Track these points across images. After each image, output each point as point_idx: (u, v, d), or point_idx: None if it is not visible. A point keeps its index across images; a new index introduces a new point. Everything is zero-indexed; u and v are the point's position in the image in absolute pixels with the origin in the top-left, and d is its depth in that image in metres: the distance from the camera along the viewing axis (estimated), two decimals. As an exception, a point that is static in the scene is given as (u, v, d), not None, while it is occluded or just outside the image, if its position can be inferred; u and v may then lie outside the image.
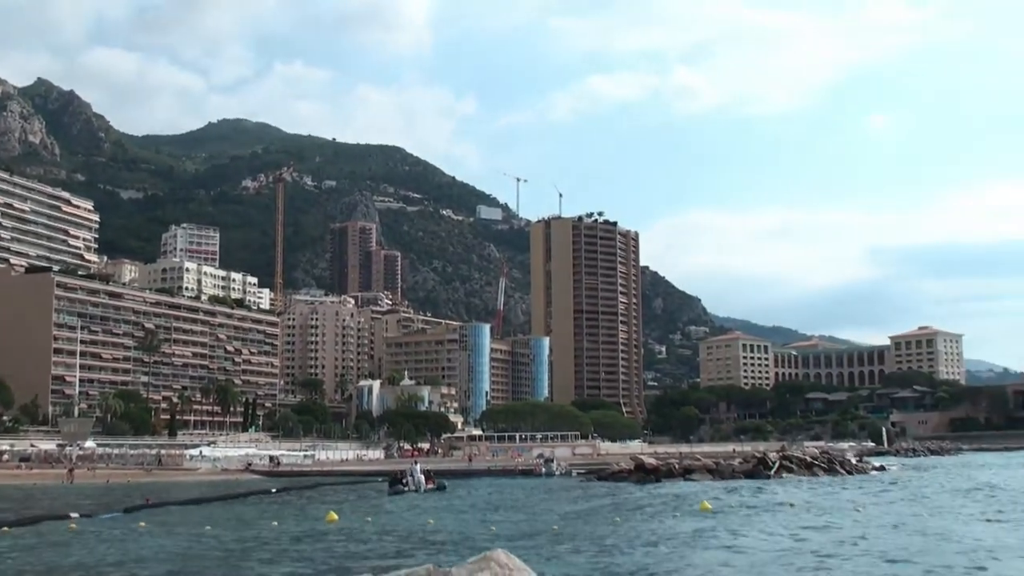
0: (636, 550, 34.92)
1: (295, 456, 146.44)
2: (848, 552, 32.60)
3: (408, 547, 36.37)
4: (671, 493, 72.40)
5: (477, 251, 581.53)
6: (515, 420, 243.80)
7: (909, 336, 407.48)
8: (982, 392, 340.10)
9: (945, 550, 32.51)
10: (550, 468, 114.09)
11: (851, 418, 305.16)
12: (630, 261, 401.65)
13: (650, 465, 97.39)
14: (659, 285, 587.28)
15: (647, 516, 50.53)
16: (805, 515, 47.59)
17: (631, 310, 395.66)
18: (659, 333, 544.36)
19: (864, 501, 59.57)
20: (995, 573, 27.75)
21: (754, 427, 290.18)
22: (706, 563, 31.04)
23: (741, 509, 53.73)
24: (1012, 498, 61.48)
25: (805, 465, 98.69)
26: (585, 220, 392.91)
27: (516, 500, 69.21)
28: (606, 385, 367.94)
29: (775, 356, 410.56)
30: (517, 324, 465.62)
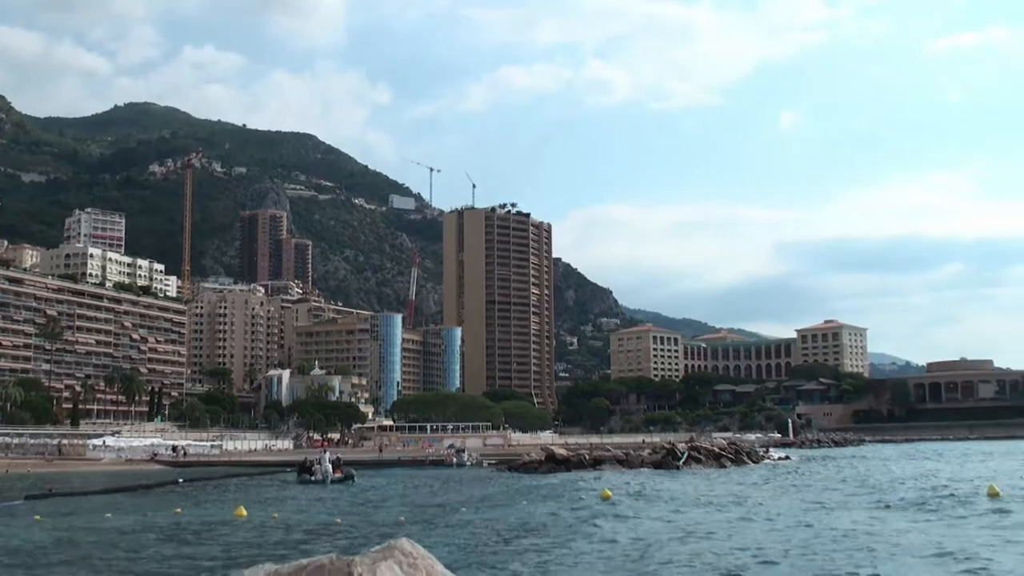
0: (530, 534, 35.32)
1: (202, 446, 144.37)
2: (718, 544, 32.74)
3: (313, 537, 35.87)
4: (578, 482, 72.77)
5: (389, 241, 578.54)
6: (426, 410, 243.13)
7: (815, 330, 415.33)
8: (885, 385, 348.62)
9: (817, 543, 32.54)
10: (461, 459, 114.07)
11: (758, 410, 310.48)
12: (543, 252, 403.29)
13: (560, 456, 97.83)
14: (571, 277, 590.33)
15: (550, 503, 50.67)
16: (697, 507, 48.11)
17: (543, 301, 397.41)
18: (571, 324, 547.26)
19: (758, 495, 60.37)
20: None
21: (664, 418, 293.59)
22: (588, 548, 31.33)
23: (638, 499, 54.24)
24: (890, 487, 62.80)
25: (713, 456, 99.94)
26: (498, 211, 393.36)
27: (426, 490, 68.95)
28: (518, 376, 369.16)
29: (685, 348, 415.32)
30: (429, 314, 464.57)
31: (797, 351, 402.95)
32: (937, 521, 39.15)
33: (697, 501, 51.26)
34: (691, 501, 51.57)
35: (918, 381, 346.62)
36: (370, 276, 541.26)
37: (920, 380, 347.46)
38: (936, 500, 49.90)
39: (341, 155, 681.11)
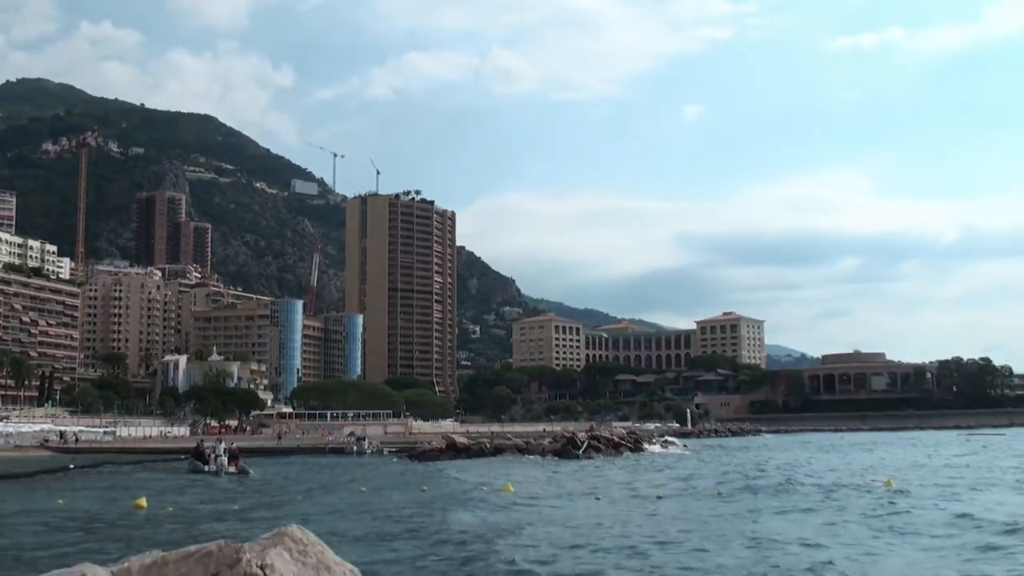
0: (424, 524, 35.18)
1: (95, 432, 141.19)
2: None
3: (207, 525, 35.23)
4: (479, 471, 72.87)
5: (291, 226, 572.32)
6: (327, 398, 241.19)
7: (714, 321, 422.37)
8: (781, 376, 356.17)
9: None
10: (361, 447, 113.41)
11: (658, 399, 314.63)
12: (446, 241, 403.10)
13: (461, 444, 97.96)
14: (475, 265, 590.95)
15: (450, 493, 50.62)
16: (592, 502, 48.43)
17: (446, 290, 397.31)
18: (473, 313, 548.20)
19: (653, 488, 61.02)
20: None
21: (565, 407, 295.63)
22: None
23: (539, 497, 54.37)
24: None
25: (612, 445, 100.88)
26: (402, 198, 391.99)
27: (323, 478, 68.37)
28: (420, 364, 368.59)
29: (586, 338, 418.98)
30: (331, 301, 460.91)
31: (696, 342, 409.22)
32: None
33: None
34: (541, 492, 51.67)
35: (813, 373, 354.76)
36: (271, 261, 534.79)
37: (815, 372, 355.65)
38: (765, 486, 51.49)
39: (242, 138, 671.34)
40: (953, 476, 60.65)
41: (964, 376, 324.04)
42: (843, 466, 76.56)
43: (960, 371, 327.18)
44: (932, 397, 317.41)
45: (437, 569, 23.86)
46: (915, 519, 33.51)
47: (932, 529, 30.91)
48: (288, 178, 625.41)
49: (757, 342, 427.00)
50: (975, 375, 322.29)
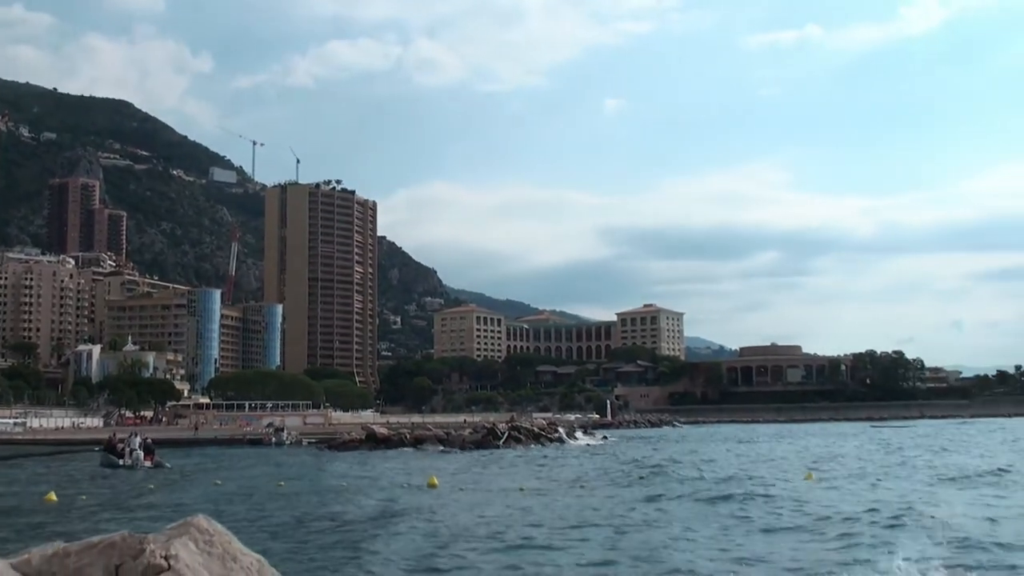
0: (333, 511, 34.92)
1: (4, 424, 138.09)
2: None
3: (114, 518, 34.58)
4: (398, 461, 72.77)
5: (209, 214, 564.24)
6: (245, 388, 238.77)
7: (634, 313, 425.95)
8: (699, 368, 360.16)
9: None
10: (280, 437, 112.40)
11: (578, 390, 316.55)
12: (367, 230, 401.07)
13: (381, 435, 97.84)
14: (396, 256, 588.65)
15: (367, 483, 50.44)
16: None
17: (367, 280, 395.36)
18: (394, 304, 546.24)
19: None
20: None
21: (485, 398, 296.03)
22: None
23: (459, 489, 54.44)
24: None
25: (533, 436, 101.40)
26: (323, 187, 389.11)
27: (239, 469, 67.67)
28: (340, 354, 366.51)
29: (508, 329, 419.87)
30: (249, 290, 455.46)
31: (617, 334, 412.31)
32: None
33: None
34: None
35: (731, 365, 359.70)
36: (188, 250, 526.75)
37: (733, 364, 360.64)
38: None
39: (159, 124, 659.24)
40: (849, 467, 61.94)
41: (877, 369, 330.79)
42: (761, 459, 77.70)
43: (874, 364, 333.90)
44: (846, 389, 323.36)
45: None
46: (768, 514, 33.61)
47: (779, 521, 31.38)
48: (206, 166, 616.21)
49: (676, 334, 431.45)
50: (888, 368, 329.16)
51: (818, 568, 21.85)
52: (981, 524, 28.68)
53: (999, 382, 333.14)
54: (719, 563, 22.92)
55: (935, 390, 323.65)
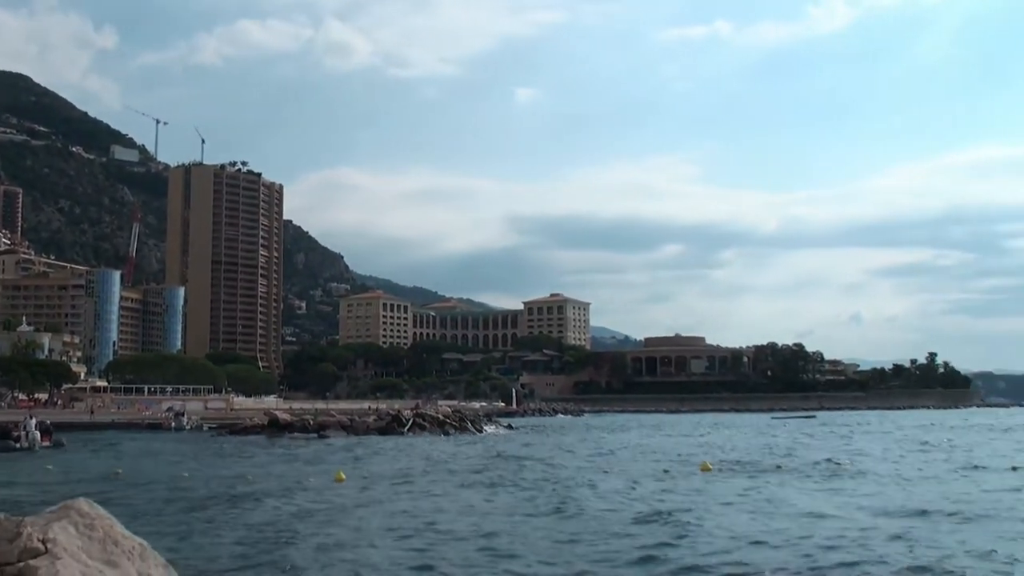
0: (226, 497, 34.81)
1: None
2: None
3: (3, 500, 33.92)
4: (302, 449, 72.44)
5: (109, 193, 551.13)
6: (144, 372, 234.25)
7: (541, 302, 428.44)
8: (605, 358, 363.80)
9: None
10: (180, 422, 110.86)
11: (484, 378, 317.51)
12: (273, 214, 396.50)
13: (284, 420, 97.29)
14: (302, 240, 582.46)
15: (270, 470, 50.18)
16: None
17: (272, 264, 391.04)
18: (300, 289, 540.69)
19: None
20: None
21: (391, 385, 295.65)
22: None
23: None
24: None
25: (438, 423, 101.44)
26: (228, 169, 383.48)
27: (135, 454, 66.79)
28: (243, 339, 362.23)
29: (414, 316, 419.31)
30: (151, 272, 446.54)
31: (523, 322, 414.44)
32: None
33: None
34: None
35: (636, 355, 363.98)
36: (87, 229, 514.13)
37: (638, 354, 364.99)
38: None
39: (59, 100, 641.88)
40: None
41: (778, 361, 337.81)
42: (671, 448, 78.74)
43: (775, 356, 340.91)
44: (748, 380, 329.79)
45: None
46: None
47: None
48: (107, 144, 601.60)
49: (582, 324, 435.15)
50: (788, 360, 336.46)
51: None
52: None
53: (895, 375, 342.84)
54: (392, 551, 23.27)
55: (834, 382, 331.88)
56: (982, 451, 67.39)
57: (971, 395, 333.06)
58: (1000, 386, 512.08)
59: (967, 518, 28.71)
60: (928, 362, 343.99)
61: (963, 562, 21.06)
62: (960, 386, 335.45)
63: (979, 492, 36.87)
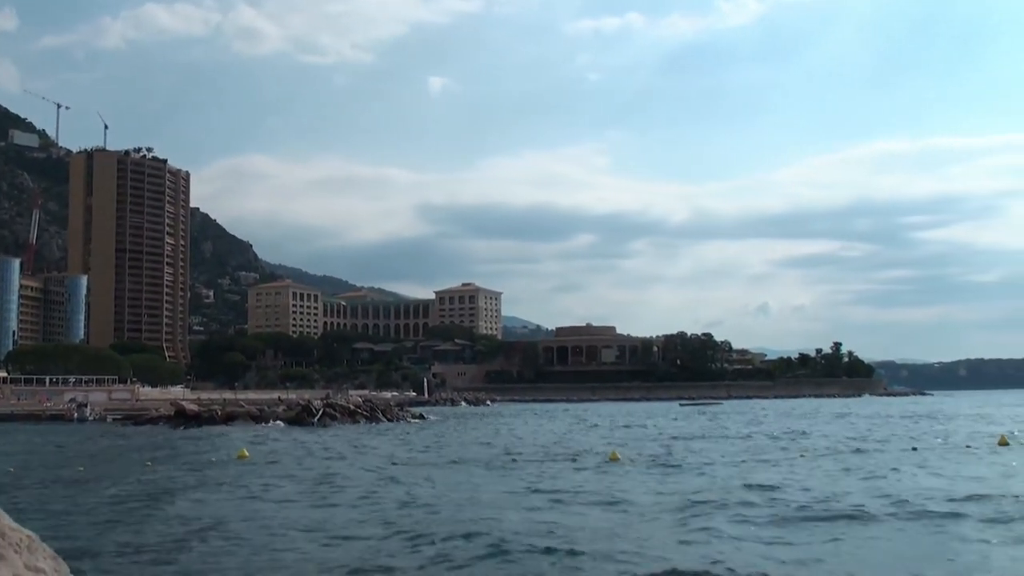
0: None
1: None
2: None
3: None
4: (209, 439, 71.76)
5: (8, 179, 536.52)
6: (46, 362, 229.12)
7: (453, 292, 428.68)
8: (516, 347, 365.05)
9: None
10: (83, 413, 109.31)
11: (395, 368, 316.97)
12: (179, 201, 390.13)
13: (191, 411, 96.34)
14: (209, 228, 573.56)
15: (180, 463, 49.77)
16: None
17: (178, 252, 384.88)
18: (207, 277, 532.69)
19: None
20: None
21: (301, 375, 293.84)
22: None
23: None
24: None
25: (348, 413, 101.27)
26: (132, 155, 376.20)
27: (33, 446, 65.58)
28: (149, 328, 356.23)
29: (324, 305, 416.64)
30: (52, 260, 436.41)
31: (435, 312, 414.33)
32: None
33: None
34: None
35: (547, 344, 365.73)
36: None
37: (549, 344, 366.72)
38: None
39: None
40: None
41: (688, 350, 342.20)
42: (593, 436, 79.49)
43: (684, 345, 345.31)
44: (658, 370, 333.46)
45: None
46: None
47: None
48: (6, 128, 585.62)
49: (494, 313, 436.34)
50: (697, 349, 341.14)
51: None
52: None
53: (801, 364, 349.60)
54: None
55: (741, 371, 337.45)
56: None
57: (874, 384, 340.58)
58: (902, 375, 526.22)
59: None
60: (833, 352, 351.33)
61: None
62: (864, 375, 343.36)
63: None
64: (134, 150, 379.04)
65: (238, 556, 21.31)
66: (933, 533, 24.12)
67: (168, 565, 20.52)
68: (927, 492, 32.06)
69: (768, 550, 21.55)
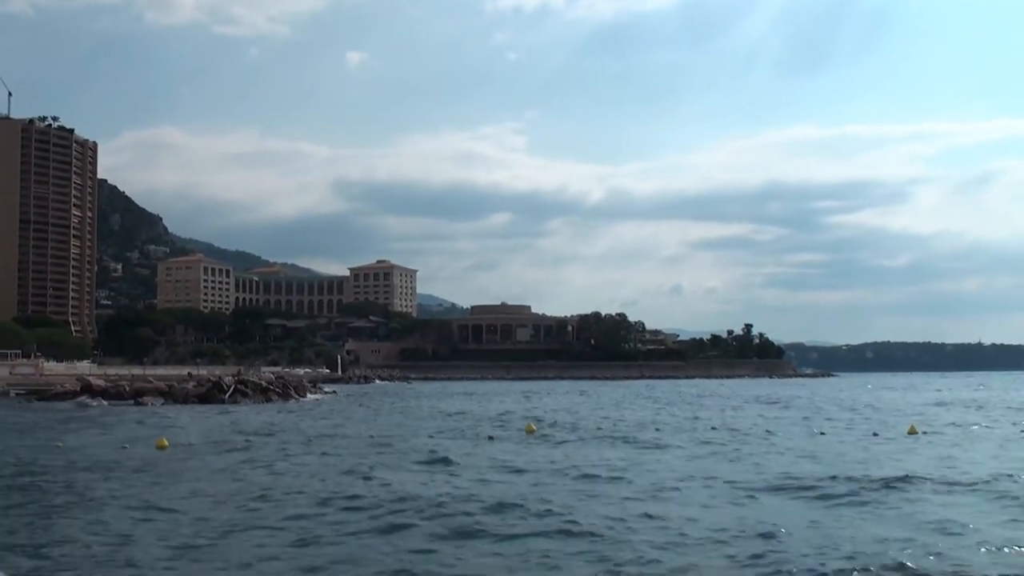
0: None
1: None
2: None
3: None
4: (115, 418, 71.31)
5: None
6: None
7: (367, 268, 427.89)
8: (431, 325, 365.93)
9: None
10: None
11: (308, 345, 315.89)
12: (87, 172, 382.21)
13: (98, 387, 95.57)
14: (118, 200, 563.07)
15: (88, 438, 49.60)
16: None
17: (85, 224, 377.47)
18: (115, 251, 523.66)
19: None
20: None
21: (212, 351, 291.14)
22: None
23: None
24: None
25: (260, 390, 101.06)
26: (37, 124, 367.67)
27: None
28: (54, 302, 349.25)
29: (236, 281, 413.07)
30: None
31: (350, 289, 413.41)
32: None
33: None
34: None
35: (462, 323, 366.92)
36: None
37: (464, 322, 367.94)
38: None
39: None
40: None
41: (602, 330, 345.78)
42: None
43: (599, 325, 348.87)
44: (572, 349, 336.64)
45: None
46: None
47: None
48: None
49: (409, 291, 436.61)
50: (611, 329, 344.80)
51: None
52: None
53: (712, 345, 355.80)
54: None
55: (654, 352, 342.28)
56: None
57: (784, 365, 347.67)
58: (812, 357, 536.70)
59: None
60: (744, 333, 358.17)
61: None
62: (774, 356, 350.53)
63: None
64: (39, 119, 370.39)
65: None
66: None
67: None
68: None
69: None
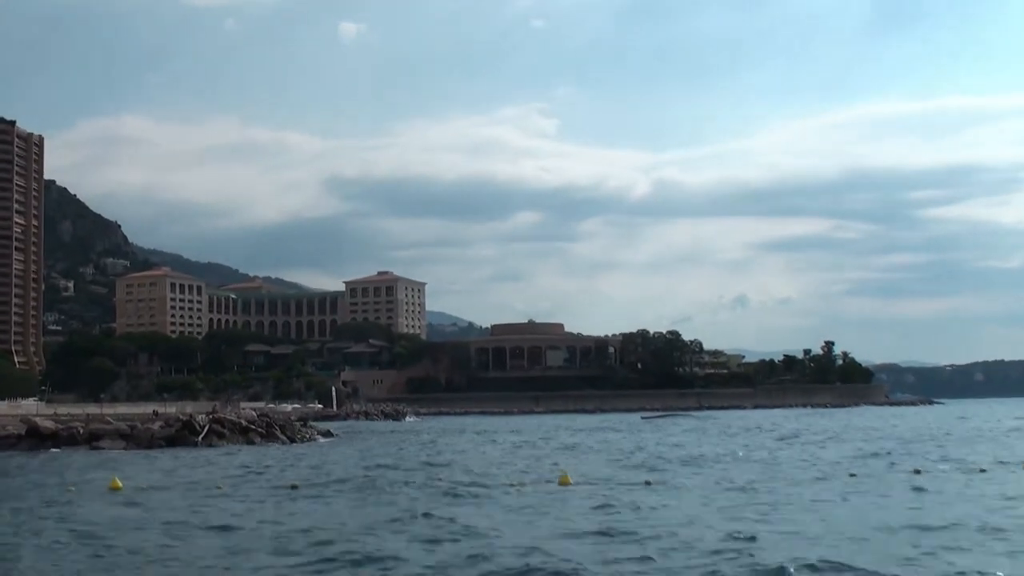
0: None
1: None
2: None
3: None
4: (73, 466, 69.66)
5: None
6: None
7: (367, 282, 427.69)
8: (444, 349, 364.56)
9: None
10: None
11: (297, 375, 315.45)
12: (31, 173, 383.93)
13: (47, 430, 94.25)
14: (69, 205, 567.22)
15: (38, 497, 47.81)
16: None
17: (30, 234, 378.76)
18: (66, 265, 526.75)
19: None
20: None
21: (182, 384, 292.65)
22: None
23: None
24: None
25: (240, 430, 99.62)
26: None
27: None
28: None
29: (210, 299, 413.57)
30: None
31: (345, 307, 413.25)
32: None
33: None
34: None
35: (481, 345, 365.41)
36: None
37: (483, 344, 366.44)
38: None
39: None
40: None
41: (650, 351, 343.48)
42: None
43: (646, 345, 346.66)
44: (615, 375, 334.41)
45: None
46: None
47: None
48: None
49: (417, 308, 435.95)
50: (662, 350, 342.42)
51: None
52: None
53: (786, 368, 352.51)
54: None
55: (715, 376, 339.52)
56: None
57: (874, 391, 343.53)
58: (908, 380, 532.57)
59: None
60: (825, 353, 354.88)
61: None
62: (861, 381, 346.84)
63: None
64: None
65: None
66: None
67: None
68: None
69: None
